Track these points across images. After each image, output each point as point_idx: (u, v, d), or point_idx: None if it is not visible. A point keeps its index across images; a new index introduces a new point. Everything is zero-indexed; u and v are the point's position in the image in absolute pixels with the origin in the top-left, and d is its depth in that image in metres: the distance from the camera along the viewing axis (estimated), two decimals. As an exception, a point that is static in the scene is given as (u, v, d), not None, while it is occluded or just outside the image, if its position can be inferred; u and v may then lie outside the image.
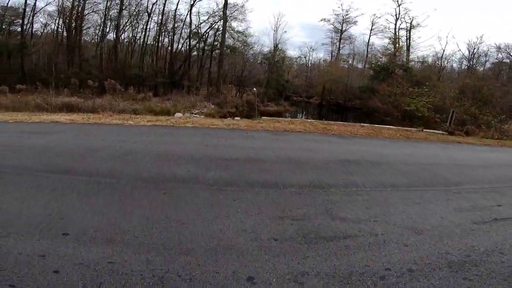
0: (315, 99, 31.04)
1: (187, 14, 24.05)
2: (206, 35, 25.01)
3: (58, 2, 24.05)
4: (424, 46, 43.15)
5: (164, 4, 23.57)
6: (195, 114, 15.55)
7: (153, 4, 23.55)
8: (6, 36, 25.81)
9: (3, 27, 25.81)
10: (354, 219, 3.21)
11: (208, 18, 24.52)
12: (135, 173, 3.96)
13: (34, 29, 27.38)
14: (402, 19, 28.95)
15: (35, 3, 24.09)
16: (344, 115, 25.54)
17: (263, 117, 9.99)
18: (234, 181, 4.00)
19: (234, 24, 25.22)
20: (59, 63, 25.52)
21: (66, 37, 25.13)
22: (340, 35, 35.06)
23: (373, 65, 24.53)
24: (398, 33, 29.42)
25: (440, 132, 12.83)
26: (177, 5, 23.78)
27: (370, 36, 31.89)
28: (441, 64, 30.70)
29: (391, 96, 20.19)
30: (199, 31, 24.87)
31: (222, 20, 23.95)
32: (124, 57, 24.84)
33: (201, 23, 24.64)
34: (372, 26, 31.58)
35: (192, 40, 24.61)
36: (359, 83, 27.00)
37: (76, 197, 3.35)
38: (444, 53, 29.27)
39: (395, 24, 29.36)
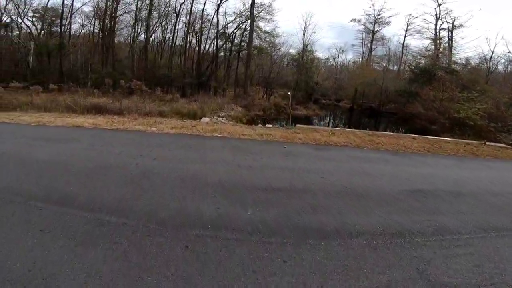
0: (345, 102, 29.09)
1: (214, 14, 23.38)
2: (233, 35, 24.18)
3: (94, 2, 24.50)
4: (469, 47, 39.50)
5: (192, 4, 23.10)
6: (222, 117, 14.64)
7: (181, 4, 23.15)
8: (46, 36, 26.86)
9: (44, 27, 26.88)
10: (465, 285, 2.20)
11: (235, 18, 23.70)
12: (150, 210, 2.94)
13: (72, 30, 28.34)
14: (443, 19, 26.24)
15: (72, 3, 24.69)
16: (378, 120, 23.45)
17: (297, 125, 8.75)
18: (280, 227, 2.85)
19: (261, 24, 24.16)
20: (94, 63, 26.08)
21: (101, 37, 25.56)
22: (372, 36, 33.19)
23: (412, 67, 22.16)
24: (439, 33, 26.69)
25: (504, 145, 10.77)
26: (204, 4, 23.22)
27: (405, 37, 29.48)
28: (489, 67, 27.46)
29: (435, 101, 17.92)
30: (226, 31, 24.11)
31: (249, 20, 22.96)
32: (154, 57, 24.74)
33: (228, 23, 23.85)
34: (407, 26, 29.16)
35: (219, 40, 23.91)
36: (394, 86, 24.69)
37: (70, 244, 2.43)
38: (493, 55, 26.06)
39: (436, 25, 26.66)
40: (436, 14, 26.55)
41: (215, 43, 23.63)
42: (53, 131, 6.31)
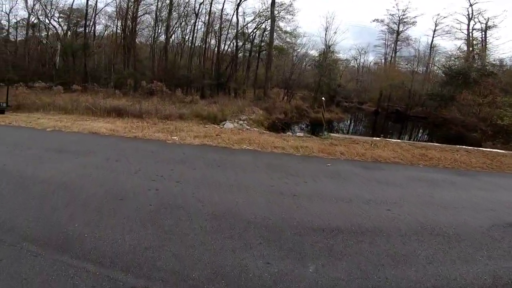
0: (368, 105, 27.55)
1: (233, 14, 22.61)
2: (253, 35, 23.29)
3: (116, 3, 24.50)
4: (503, 48, 36.77)
5: (211, 3, 22.46)
6: (243, 120, 13.81)
7: (200, 4, 22.57)
8: (72, 37, 27.20)
9: (70, 27, 27.25)
10: None
11: (255, 18, 22.79)
12: (178, 266, 2.11)
13: (97, 31, 28.62)
14: (476, 19, 24.23)
15: (96, 4, 24.80)
16: (406, 124, 21.81)
17: (331, 134, 7.76)
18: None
19: (281, 24, 23.05)
20: (117, 63, 26.13)
21: (123, 38, 25.57)
22: (396, 37, 31.23)
23: (445, 69, 20.40)
24: (472, 34, 24.64)
25: None
26: (223, 4, 22.47)
27: (433, 37, 27.54)
28: (527, 68, 25.04)
29: (473, 106, 16.24)
30: (246, 31, 23.27)
31: (269, 20, 22.02)
32: (174, 58, 24.37)
33: (248, 23, 22.98)
34: (435, 27, 27.27)
35: (238, 41, 23.12)
36: (423, 89, 22.97)
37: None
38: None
39: (468, 25, 24.62)
40: (468, 14, 24.59)
41: (234, 43, 22.90)
42: (67, 139, 5.70)
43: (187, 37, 25.05)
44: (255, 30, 22.76)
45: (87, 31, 26.82)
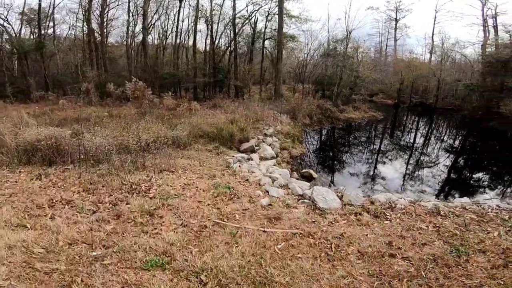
0: (381, 97, 22.91)
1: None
2: (255, 20, 17.38)
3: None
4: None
5: (198, -17, 16.22)
6: (270, 135, 8.36)
7: (184, -15, 16.26)
8: (29, 38, 19.86)
9: (24, 26, 19.86)
10: None
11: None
12: None
13: (64, 32, 21.53)
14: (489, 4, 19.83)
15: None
16: (435, 118, 17.17)
17: None
18: None
19: (288, 6, 17.22)
20: (85, 66, 19.46)
21: (86, 33, 18.80)
22: (395, 25, 28.35)
23: (487, 56, 15.78)
24: (486, 19, 20.23)
25: None
26: (214, -17, 16.31)
27: (434, 24, 23.57)
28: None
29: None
30: (246, 15, 17.34)
31: (272, 1, 16.28)
32: (155, 53, 18.04)
33: (247, 5, 17.08)
34: (436, 13, 23.42)
35: (236, 28, 17.20)
36: (451, 78, 18.58)
37: None
38: None
39: (482, 10, 20.18)
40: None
41: (231, 30, 16.92)
42: None
43: (169, 30, 18.70)
44: (255, 12, 16.84)
45: (45, 30, 19.70)
